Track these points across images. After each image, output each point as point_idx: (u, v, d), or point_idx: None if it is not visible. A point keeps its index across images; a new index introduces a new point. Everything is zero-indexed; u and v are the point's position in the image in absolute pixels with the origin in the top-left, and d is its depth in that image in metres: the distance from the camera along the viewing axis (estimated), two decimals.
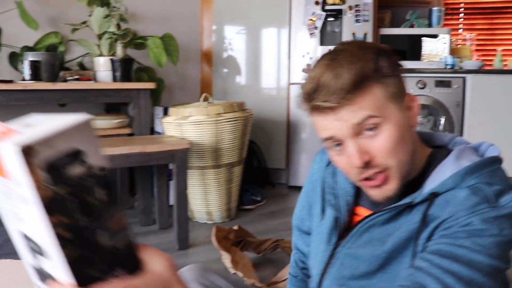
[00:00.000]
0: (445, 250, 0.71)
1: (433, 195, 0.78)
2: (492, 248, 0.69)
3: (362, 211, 0.92)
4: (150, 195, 2.82)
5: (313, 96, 0.78)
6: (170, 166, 2.72)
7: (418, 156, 0.85)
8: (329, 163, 1.01)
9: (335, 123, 0.78)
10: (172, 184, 2.44)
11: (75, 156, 0.41)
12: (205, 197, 2.80)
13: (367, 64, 0.77)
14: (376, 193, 0.82)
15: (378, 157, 0.78)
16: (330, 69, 0.76)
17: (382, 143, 0.78)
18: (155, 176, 2.74)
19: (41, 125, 0.41)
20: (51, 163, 0.39)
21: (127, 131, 2.98)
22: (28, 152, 0.37)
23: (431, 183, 0.79)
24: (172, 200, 2.62)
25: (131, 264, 0.48)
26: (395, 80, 0.81)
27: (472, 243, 0.70)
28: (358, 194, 0.94)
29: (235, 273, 1.94)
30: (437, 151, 0.88)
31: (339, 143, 0.80)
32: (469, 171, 0.77)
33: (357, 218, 0.92)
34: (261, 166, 3.69)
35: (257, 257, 2.28)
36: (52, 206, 0.40)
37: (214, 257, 2.26)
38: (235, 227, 2.22)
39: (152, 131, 3.36)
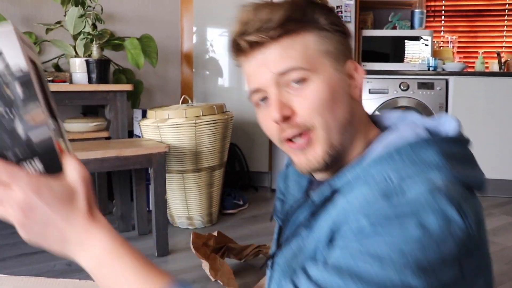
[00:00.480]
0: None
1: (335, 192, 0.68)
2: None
3: None
4: (129, 200, 2.74)
5: (239, 36, 0.71)
6: (149, 170, 2.64)
7: (362, 139, 0.75)
8: (287, 166, 0.93)
9: (261, 69, 0.71)
10: (151, 189, 2.36)
11: None
12: (185, 202, 2.73)
13: (302, 10, 0.71)
14: (300, 160, 0.73)
15: (301, 113, 0.70)
16: (260, 8, 0.70)
17: (306, 99, 0.69)
18: (133, 180, 2.66)
19: None
20: None
21: (104, 134, 2.89)
22: None
23: (342, 176, 0.69)
24: (151, 205, 2.54)
25: (50, 164, 0.54)
26: (333, 39, 0.73)
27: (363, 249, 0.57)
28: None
29: (215, 280, 1.88)
30: (385, 133, 0.75)
31: (265, 96, 0.73)
32: (378, 160, 0.65)
33: None
34: (243, 169, 3.63)
35: (238, 263, 2.22)
36: None
37: (195, 264, 2.19)
38: (215, 233, 2.16)
39: (131, 134, 3.27)
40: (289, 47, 0.70)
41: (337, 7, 3.40)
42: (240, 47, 0.72)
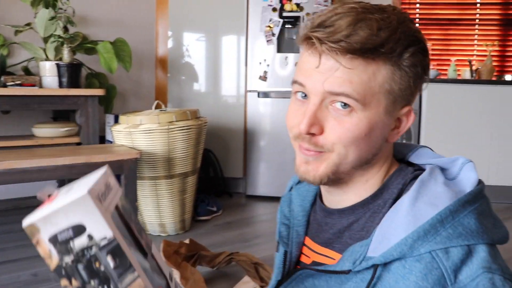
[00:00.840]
0: None
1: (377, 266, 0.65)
2: None
3: (309, 242, 0.83)
4: None
5: (318, 27, 0.65)
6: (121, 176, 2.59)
7: (376, 172, 0.74)
8: (290, 189, 0.91)
9: (317, 74, 0.66)
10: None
11: (76, 229, 0.46)
12: (157, 209, 2.68)
13: (393, 41, 0.64)
14: (301, 166, 0.71)
15: (328, 137, 0.67)
16: (352, 15, 0.64)
17: (341, 127, 0.66)
18: None
19: (68, 193, 0.48)
20: (53, 237, 0.46)
21: (75, 140, 2.83)
22: (32, 229, 0.47)
23: (377, 243, 0.65)
24: None
25: None
26: (405, 81, 0.67)
27: None
28: (308, 222, 0.85)
29: None
30: (400, 169, 0.75)
31: (306, 94, 0.69)
32: (422, 234, 0.61)
33: (305, 251, 0.83)
34: (217, 175, 3.59)
35: (211, 271, 2.18)
36: (59, 271, 0.47)
37: None
38: (187, 241, 2.12)
39: (103, 140, 3.21)
40: (356, 72, 0.64)
41: (313, 13, 3.40)
42: (312, 36, 0.65)
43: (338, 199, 0.76)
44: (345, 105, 0.65)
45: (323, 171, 0.69)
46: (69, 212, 0.45)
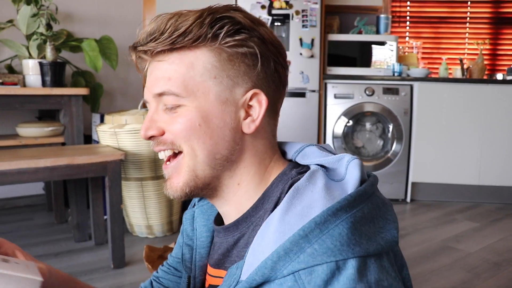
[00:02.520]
0: None
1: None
2: None
3: (210, 270, 0.77)
4: (85, 208, 2.62)
5: (133, 44, 0.67)
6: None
7: (255, 175, 0.68)
8: (193, 205, 0.84)
9: (147, 83, 0.68)
10: (107, 197, 2.25)
11: None
12: (144, 210, 2.62)
13: (201, 23, 0.63)
14: (166, 185, 0.70)
15: (168, 135, 0.67)
16: (158, 19, 0.66)
17: (175, 123, 0.66)
18: (89, 188, 2.54)
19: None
20: None
21: (60, 139, 2.76)
22: None
23: (248, 264, 0.57)
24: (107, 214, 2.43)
25: None
26: (232, 61, 0.64)
27: None
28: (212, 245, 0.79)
29: None
30: (283, 173, 0.68)
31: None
32: (282, 253, 0.53)
33: (209, 279, 0.76)
34: None
35: None
36: None
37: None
38: (171, 245, 2.07)
39: (89, 139, 3.14)
40: (173, 66, 0.64)
41: (303, 11, 3.36)
42: (136, 51, 0.67)
43: (224, 211, 0.72)
44: (172, 106, 0.65)
45: (182, 181, 0.67)
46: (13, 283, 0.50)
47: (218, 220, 0.77)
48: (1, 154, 2.09)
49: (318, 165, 0.65)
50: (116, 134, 2.48)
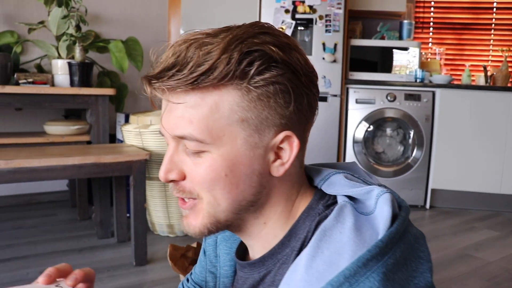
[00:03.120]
0: None
1: None
2: None
3: None
4: (109, 206, 2.68)
5: (146, 74, 0.59)
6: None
7: (278, 213, 0.64)
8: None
9: (164, 118, 0.60)
10: (131, 195, 2.30)
11: None
12: (166, 210, 2.67)
13: (225, 62, 0.54)
14: (182, 222, 0.65)
15: (189, 181, 0.61)
16: (176, 46, 0.57)
17: (198, 169, 0.59)
18: (113, 186, 2.60)
19: None
20: None
21: (86, 138, 2.83)
22: None
23: None
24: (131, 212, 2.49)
25: None
26: (262, 102, 0.57)
27: None
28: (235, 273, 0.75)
29: None
30: (309, 207, 0.64)
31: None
32: None
33: None
34: None
35: None
36: None
37: (173, 275, 2.15)
38: (194, 244, 2.10)
39: (114, 138, 3.21)
40: (194, 107, 0.57)
41: (326, 15, 3.38)
42: (151, 82, 0.59)
43: (249, 244, 0.69)
44: (194, 152, 0.59)
45: (201, 223, 0.62)
46: None
47: (239, 250, 0.74)
48: (30, 151, 2.16)
49: (345, 196, 0.61)
50: (141, 134, 2.53)
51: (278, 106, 0.58)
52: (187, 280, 0.89)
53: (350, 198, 0.61)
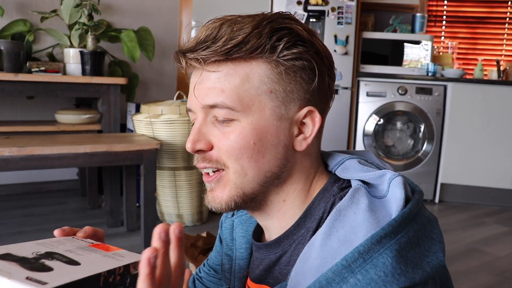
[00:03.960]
0: None
1: None
2: None
3: (250, 284, 0.74)
4: (119, 195, 2.69)
5: (181, 49, 0.63)
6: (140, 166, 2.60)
7: (298, 190, 0.67)
8: (233, 214, 0.82)
9: (193, 92, 0.63)
10: (141, 185, 2.31)
11: None
12: (176, 199, 2.69)
13: (257, 36, 0.59)
14: (208, 197, 0.66)
15: (217, 151, 0.63)
16: (210, 24, 0.62)
17: (227, 139, 0.61)
18: (124, 175, 2.62)
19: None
20: None
21: (97, 127, 2.85)
22: None
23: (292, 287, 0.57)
24: (141, 202, 2.50)
25: None
26: (289, 76, 0.61)
27: None
28: (251, 256, 0.76)
29: None
30: (324, 189, 0.67)
31: (195, 119, 0.66)
32: (324, 283, 0.51)
33: None
34: None
35: None
36: None
37: None
38: (204, 234, 2.12)
39: (124, 128, 3.23)
40: (227, 78, 0.60)
41: (339, 8, 3.35)
42: (183, 55, 0.63)
43: (265, 225, 0.71)
44: (224, 120, 0.62)
45: (228, 195, 0.64)
46: None
47: (256, 233, 0.76)
48: (42, 139, 2.18)
49: (359, 180, 0.63)
50: (152, 123, 2.54)
51: (303, 81, 0.62)
52: (203, 265, 0.93)
53: (364, 183, 0.63)
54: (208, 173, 0.65)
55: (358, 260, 0.50)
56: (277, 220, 0.68)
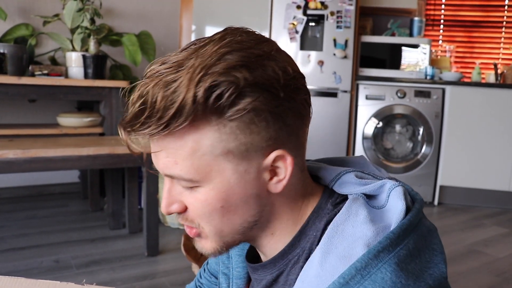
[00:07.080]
0: None
1: None
2: None
3: None
4: (121, 197, 2.71)
5: (123, 121, 0.56)
6: (142, 168, 2.62)
7: (286, 221, 0.64)
8: None
9: (153, 157, 0.58)
10: (143, 188, 2.33)
11: None
12: None
13: (191, 100, 0.51)
14: (196, 244, 0.65)
15: (190, 213, 0.60)
16: (140, 88, 0.54)
17: (195, 203, 0.59)
18: (126, 178, 2.63)
19: None
20: None
21: (98, 130, 2.87)
22: None
23: None
24: (143, 204, 2.52)
25: None
26: (244, 131, 0.55)
27: None
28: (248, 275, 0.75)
29: None
30: (318, 208, 0.64)
31: None
32: None
33: None
34: None
35: None
36: None
37: (184, 265, 2.18)
38: None
39: None
40: (176, 150, 0.55)
41: (338, 12, 3.39)
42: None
43: (259, 250, 0.70)
44: (187, 188, 0.59)
45: (211, 246, 0.62)
46: None
47: (251, 252, 0.74)
48: (45, 142, 2.20)
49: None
50: None
51: (260, 130, 0.55)
52: (204, 270, 0.92)
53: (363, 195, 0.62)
54: (190, 226, 0.63)
55: (355, 277, 0.48)
56: (269, 249, 0.66)
